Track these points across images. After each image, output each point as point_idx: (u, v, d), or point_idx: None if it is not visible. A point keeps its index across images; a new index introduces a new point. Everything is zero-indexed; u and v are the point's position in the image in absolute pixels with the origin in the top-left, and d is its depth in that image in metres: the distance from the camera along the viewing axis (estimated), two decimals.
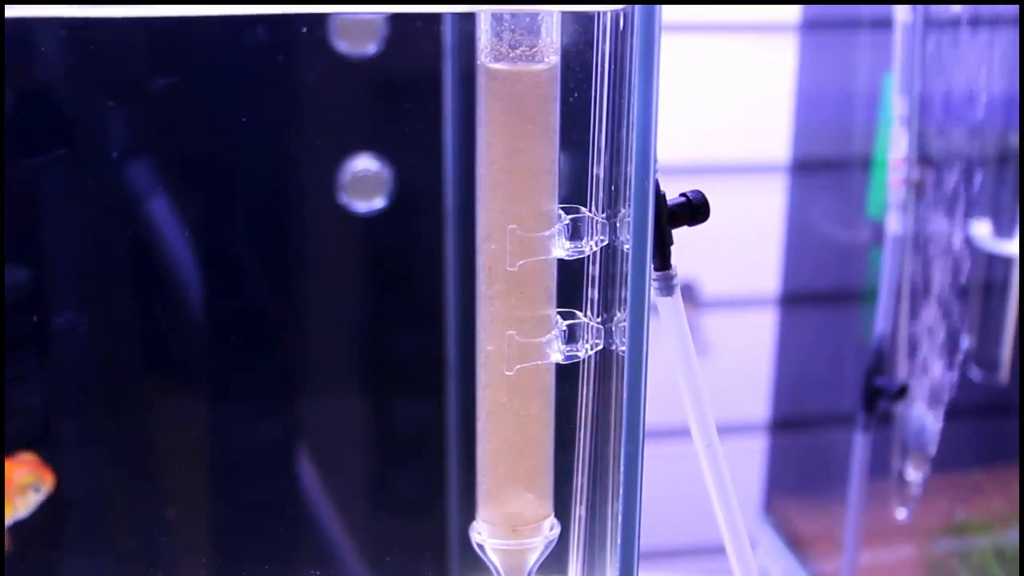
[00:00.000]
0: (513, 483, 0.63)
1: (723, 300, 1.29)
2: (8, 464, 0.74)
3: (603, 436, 0.62)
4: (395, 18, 0.78)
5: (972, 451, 1.29)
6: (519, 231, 0.58)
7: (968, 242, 1.13)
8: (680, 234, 0.59)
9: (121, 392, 0.81)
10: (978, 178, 1.12)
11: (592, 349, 0.61)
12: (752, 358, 1.32)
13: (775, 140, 1.27)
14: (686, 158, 1.23)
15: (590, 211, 0.59)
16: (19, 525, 0.74)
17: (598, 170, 0.59)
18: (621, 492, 0.57)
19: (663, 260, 0.59)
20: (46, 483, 0.75)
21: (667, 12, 0.52)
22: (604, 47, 0.57)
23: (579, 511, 0.64)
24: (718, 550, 0.65)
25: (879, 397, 1.13)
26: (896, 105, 1.08)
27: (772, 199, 1.28)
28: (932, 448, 1.13)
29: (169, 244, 0.77)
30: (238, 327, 0.82)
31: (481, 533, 0.64)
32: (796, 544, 1.29)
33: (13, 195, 0.70)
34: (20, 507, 0.74)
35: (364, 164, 0.81)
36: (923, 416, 1.13)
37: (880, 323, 1.13)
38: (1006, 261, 1.13)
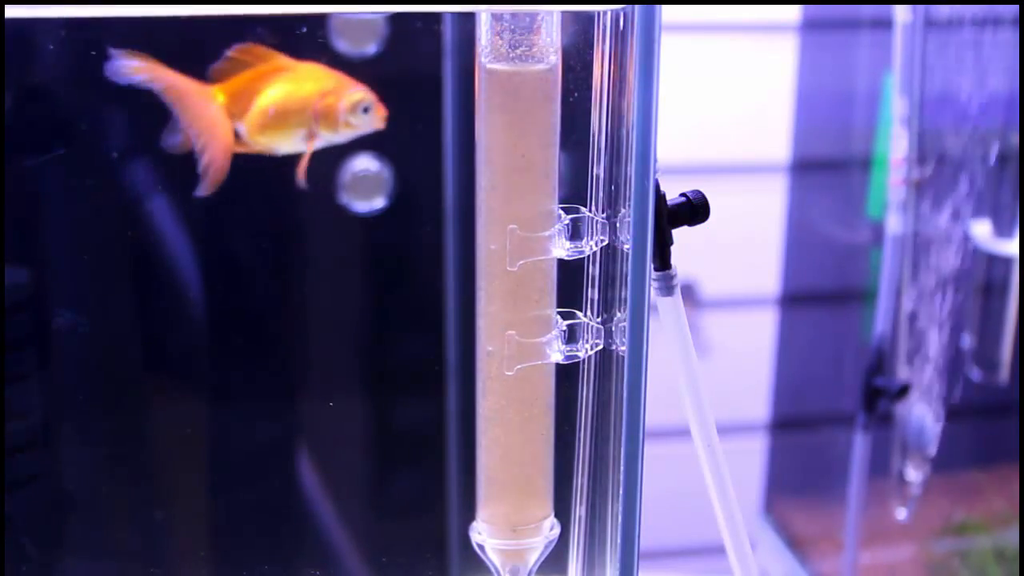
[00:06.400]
0: (513, 483, 0.63)
1: (723, 300, 1.29)
2: (337, 77, 0.69)
3: (603, 436, 0.62)
4: (395, 18, 0.78)
5: (972, 451, 1.29)
6: (519, 231, 0.58)
7: (968, 242, 1.13)
8: (680, 234, 0.59)
9: (121, 392, 0.81)
10: (978, 178, 1.12)
11: (592, 349, 0.61)
12: (752, 358, 1.32)
13: (775, 140, 1.27)
14: (686, 158, 1.23)
15: (590, 211, 0.59)
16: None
17: (598, 170, 0.59)
18: (621, 492, 0.57)
19: (663, 260, 0.59)
20: (379, 112, 0.69)
21: (667, 12, 0.52)
22: (604, 47, 0.57)
23: (579, 511, 0.64)
24: (718, 550, 0.65)
25: (879, 397, 1.13)
26: (896, 105, 1.08)
27: (772, 199, 1.28)
28: (932, 448, 1.13)
29: (169, 244, 0.77)
30: (238, 327, 0.82)
31: (481, 533, 0.64)
32: (796, 544, 1.29)
33: (13, 195, 0.70)
34: (343, 127, 0.68)
35: (364, 164, 0.81)
36: (923, 416, 1.13)
37: (880, 323, 1.13)
38: (1006, 261, 1.13)
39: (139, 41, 0.67)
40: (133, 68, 0.64)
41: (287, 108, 0.67)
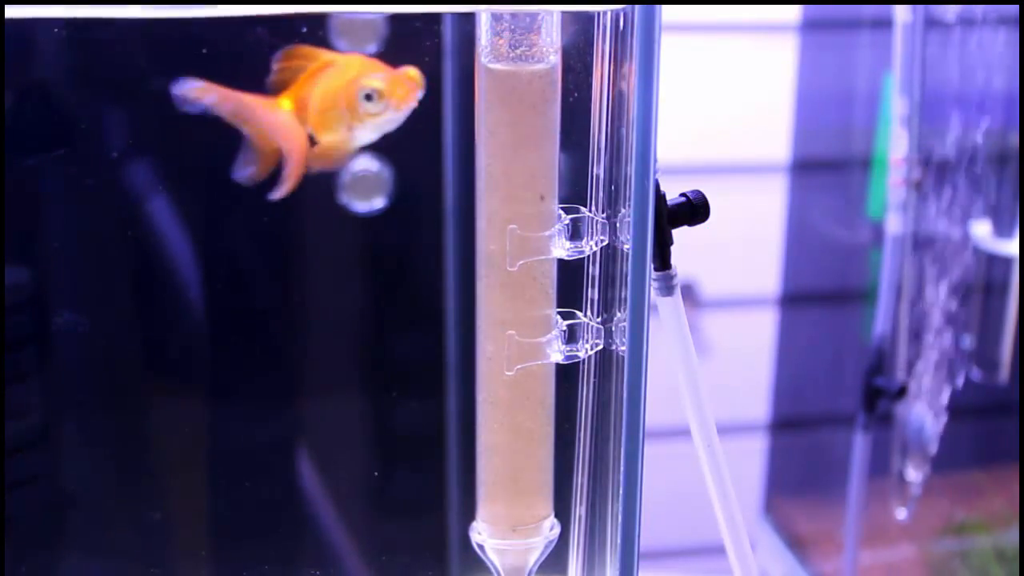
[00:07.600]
0: (513, 483, 0.63)
1: (723, 300, 1.29)
2: (365, 66, 0.64)
3: (603, 436, 0.62)
4: (395, 18, 0.78)
5: (972, 451, 1.29)
6: (519, 231, 0.58)
7: (968, 242, 1.13)
8: (680, 234, 0.59)
9: (121, 392, 0.81)
10: (978, 178, 1.12)
11: (592, 349, 0.61)
12: (752, 358, 1.32)
13: (775, 140, 1.27)
14: (686, 158, 1.23)
15: (590, 211, 0.59)
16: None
17: (598, 170, 0.59)
18: (621, 492, 0.57)
19: (663, 260, 0.59)
20: (395, 97, 0.62)
21: (667, 12, 0.52)
22: (604, 47, 0.57)
23: (579, 511, 0.64)
24: (718, 550, 0.65)
25: (879, 397, 1.13)
26: (896, 105, 1.08)
27: (772, 199, 1.28)
28: (932, 448, 1.13)
29: (169, 244, 0.77)
30: (238, 327, 0.82)
31: (481, 533, 0.64)
32: (796, 544, 1.29)
33: (13, 195, 0.70)
34: (365, 117, 0.62)
35: (364, 164, 0.81)
36: (923, 416, 1.13)
37: (880, 323, 1.13)
38: (1006, 261, 1.13)
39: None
40: (200, 92, 0.64)
41: (324, 105, 0.66)
